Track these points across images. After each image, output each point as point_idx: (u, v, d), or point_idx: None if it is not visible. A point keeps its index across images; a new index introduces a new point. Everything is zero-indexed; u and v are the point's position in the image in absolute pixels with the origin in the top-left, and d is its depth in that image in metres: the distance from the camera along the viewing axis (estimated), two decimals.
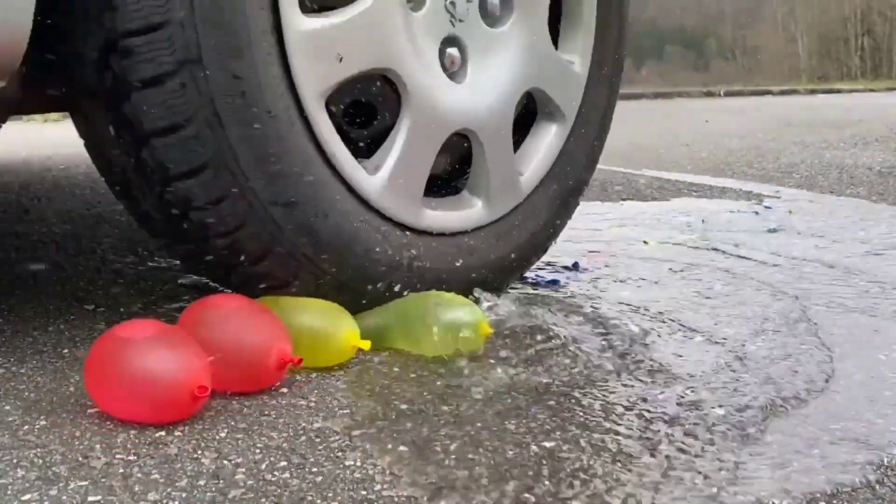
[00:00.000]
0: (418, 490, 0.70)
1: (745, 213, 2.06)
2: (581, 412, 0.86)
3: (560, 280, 1.36)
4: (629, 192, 2.45)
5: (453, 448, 0.78)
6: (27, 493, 0.69)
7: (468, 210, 1.18)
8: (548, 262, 1.44)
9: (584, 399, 0.89)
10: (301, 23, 0.98)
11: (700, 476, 0.72)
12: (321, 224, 1.01)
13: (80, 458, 0.75)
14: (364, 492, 0.70)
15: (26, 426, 0.81)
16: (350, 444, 0.78)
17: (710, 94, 12.28)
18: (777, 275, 1.42)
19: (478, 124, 1.15)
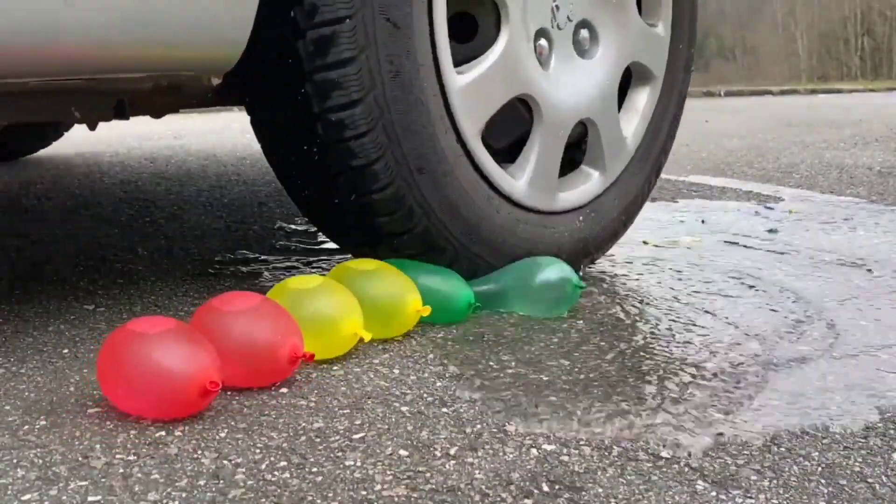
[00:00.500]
0: (418, 493, 0.70)
1: (744, 213, 2.06)
2: (582, 413, 0.86)
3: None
4: None
5: (453, 451, 0.78)
6: (27, 493, 0.69)
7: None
8: None
9: (585, 399, 0.89)
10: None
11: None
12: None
13: (80, 458, 0.75)
14: (364, 492, 0.70)
15: (26, 426, 0.81)
16: (350, 445, 0.78)
17: (710, 94, 12.26)
18: (777, 274, 1.42)
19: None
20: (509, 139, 1.30)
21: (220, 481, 0.71)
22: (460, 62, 1.18)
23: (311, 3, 1.05)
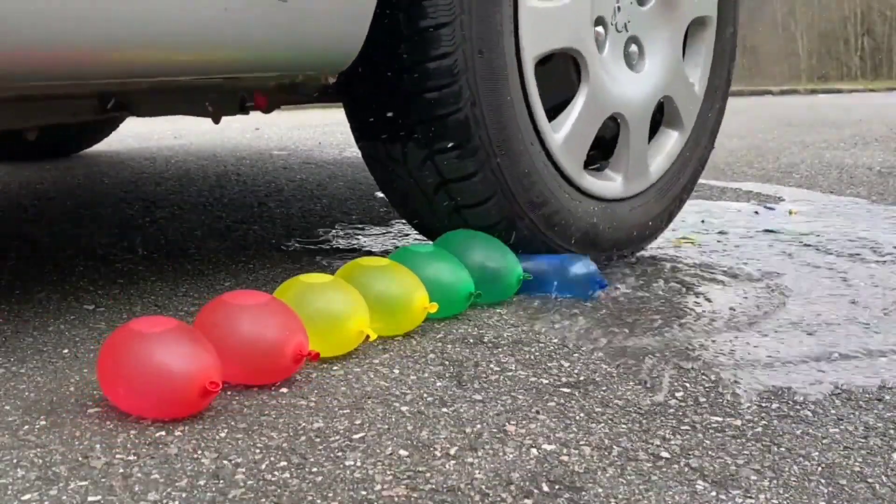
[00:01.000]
0: (417, 493, 0.70)
1: (744, 213, 2.06)
2: (582, 413, 0.86)
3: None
4: None
5: (453, 451, 0.78)
6: (27, 493, 0.69)
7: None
8: None
9: (585, 400, 0.89)
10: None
11: None
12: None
13: (80, 458, 0.75)
14: (364, 492, 0.70)
15: (26, 426, 0.82)
16: (350, 445, 0.78)
17: None
18: (776, 274, 1.42)
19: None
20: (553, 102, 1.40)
21: (220, 481, 0.71)
22: None
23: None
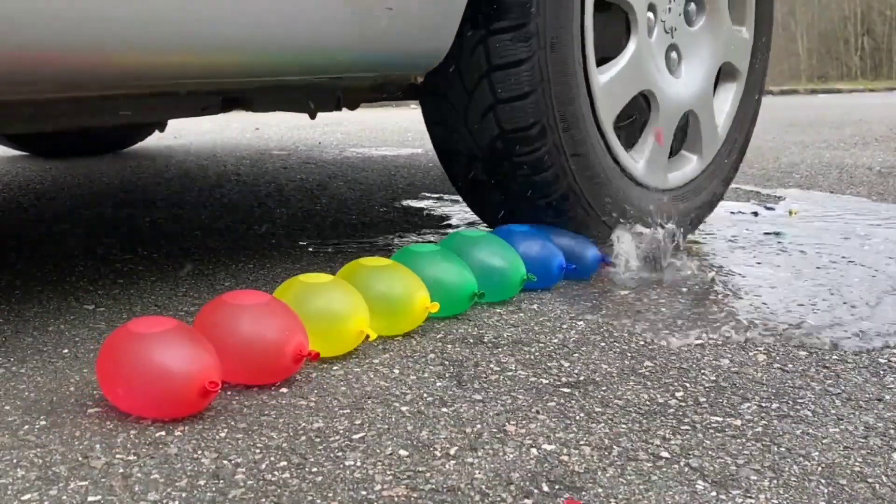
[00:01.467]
0: (417, 493, 0.70)
1: (744, 213, 2.06)
2: (582, 413, 0.86)
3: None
4: None
5: (453, 451, 0.78)
6: (27, 493, 0.69)
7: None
8: None
9: (585, 400, 0.89)
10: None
11: None
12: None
13: (80, 458, 0.75)
14: (364, 492, 0.70)
15: (26, 426, 0.82)
16: (350, 445, 0.78)
17: None
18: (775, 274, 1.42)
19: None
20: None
21: (220, 481, 0.71)
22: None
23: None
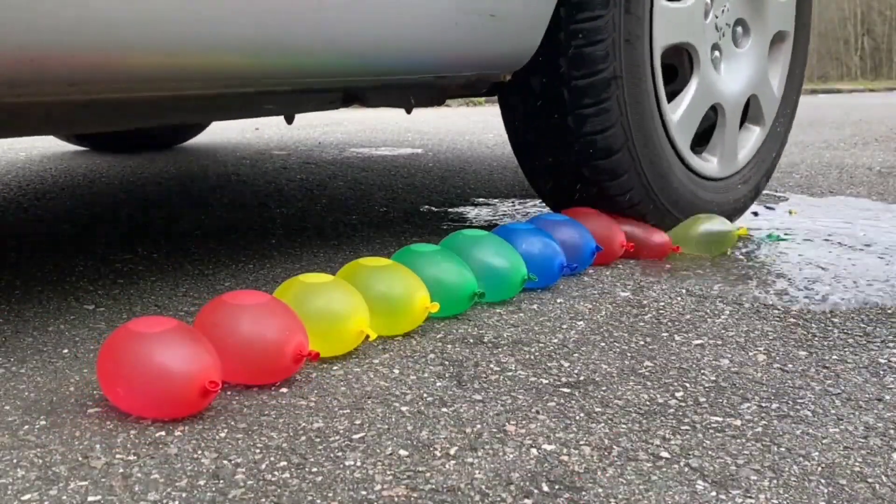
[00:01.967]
0: (417, 493, 0.70)
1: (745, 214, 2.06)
2: (582, 413, 0.86)
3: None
4: None
5: (453, 451, 0.78)
6: (27, 493, 0.69)
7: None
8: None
9: (585, 400, 0.89)
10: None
11: None
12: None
13: (80, 458, 0.75)
14: (364, 492, 0.70)
15: (26, 426, 0.82)
16: (350, 445, 0.78)
17: None
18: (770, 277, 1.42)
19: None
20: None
21: (220, 481, 0.71)
22: None
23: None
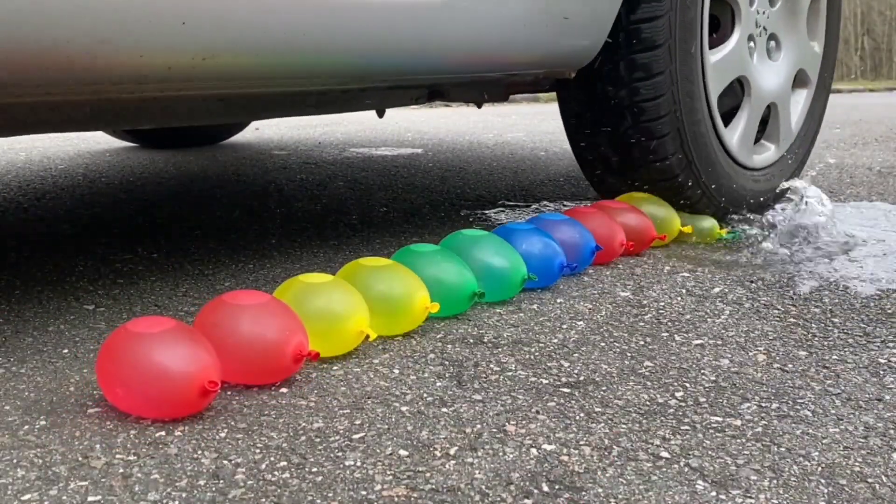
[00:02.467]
0: (417, 493, 0.70)
1: (745, 212, 2.06)
2: (582, 413, 0.86)
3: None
4: None
5: (453, 451, 0.78)
6: (27, 493, 0.69)
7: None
8: None
9: (585, 400, 0.89)
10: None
11: None
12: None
13: (80, 458, 0.75)
14: (364, 492, 0.70)
15: (26, 426, 0.82)
16: (350, 445, 0.78)
17: None
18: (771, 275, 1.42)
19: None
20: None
21: (220, 481, 0.71)
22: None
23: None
